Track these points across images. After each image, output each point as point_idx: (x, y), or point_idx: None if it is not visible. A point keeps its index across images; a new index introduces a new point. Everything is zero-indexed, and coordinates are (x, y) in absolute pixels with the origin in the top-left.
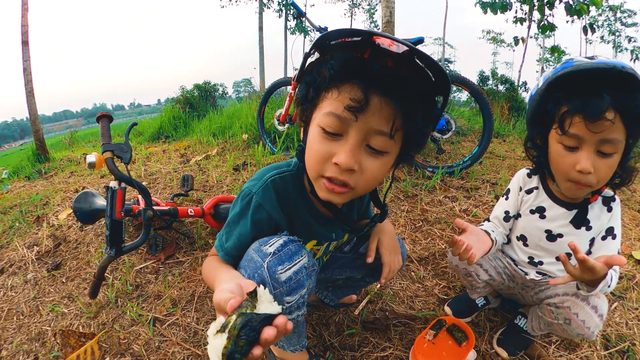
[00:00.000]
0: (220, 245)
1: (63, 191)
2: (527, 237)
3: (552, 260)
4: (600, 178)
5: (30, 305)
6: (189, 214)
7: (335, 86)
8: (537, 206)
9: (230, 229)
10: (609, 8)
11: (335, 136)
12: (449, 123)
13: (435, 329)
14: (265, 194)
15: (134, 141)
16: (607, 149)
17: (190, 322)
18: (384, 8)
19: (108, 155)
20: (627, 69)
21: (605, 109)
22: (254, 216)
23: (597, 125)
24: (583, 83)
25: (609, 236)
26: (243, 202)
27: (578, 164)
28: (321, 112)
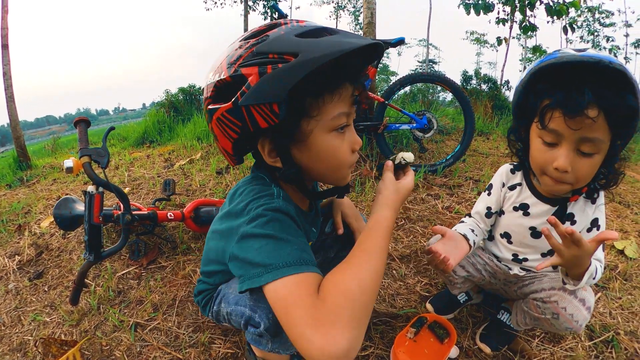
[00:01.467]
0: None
1: (45, 199)
2: (511, 234)
3: (538, 257)
4: (578, 177)
5: (12, 315)
6: (168, 217)
7: (330, 91)
8: (520, 203)
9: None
10: (588, 9)
11: (345, 129)
12: (431, 122)
13: (416, 327)
14: (287, 205)
15: (118, 147)
16: (587, 149)
17: (171, 326)
18: (365, 9)
19: (85, 160)
20: (614, 64)
21: (585, 105)
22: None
23: (576, 122)
24: (567, 76)
25: (594, 228)
26: (279, 216)
27: (555, 161)
28: (328, 117)
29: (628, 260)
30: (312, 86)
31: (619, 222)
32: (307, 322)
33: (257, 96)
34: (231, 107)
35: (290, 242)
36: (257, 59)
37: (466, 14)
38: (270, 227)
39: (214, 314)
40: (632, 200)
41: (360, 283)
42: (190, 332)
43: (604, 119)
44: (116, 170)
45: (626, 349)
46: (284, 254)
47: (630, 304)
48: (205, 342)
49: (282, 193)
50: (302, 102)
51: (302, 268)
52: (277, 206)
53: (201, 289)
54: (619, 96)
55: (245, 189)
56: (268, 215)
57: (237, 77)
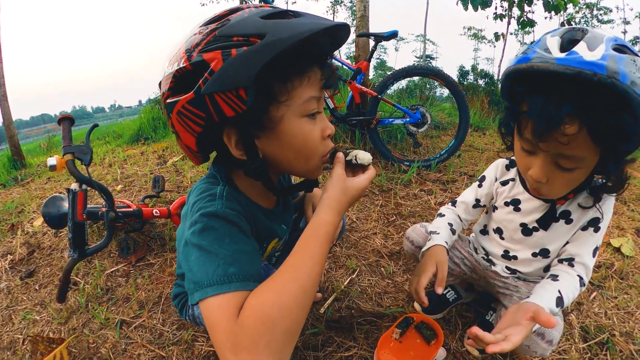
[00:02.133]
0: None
1: (39, 198)
2: (502, 230)
3: (528, 256)
4: (554, 190)
5: (3, 314)
6: (154, 214)
7: (299, 74)
8: (512, 198)
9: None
10: (586, 5)
11: (316, 115)
12: (425, 116)
13: (401, 327)
14: (231, 205)
15: (112, 144)
16: (565, 164)
17: (156, 323)
18: (359, 2)
19: (69, 158)
20: (600, 76)
21: (561, 120)
22: (239, 226)
23: (546, 144)
24: (545, 82)
25: (591, 227)
26: (218, 221)
27: (531, 169)
28: (299, 102)
29: (624, 258)
30: (279, 70)
31: (616, 219)
32: (227, 347)
33: (222, 82)
34: (193, 97)
35: (218, 255)
36: (219, 43)
37: (464, 9)
38: (203, 236)
39: (190, 317)
40: (629, 197)
41: (281, 307)
42: (174, 329)
43: (586, 137)
44: (109, 167)
45: (621, 351)
46: (210, 271)
47: (626, 304)
48: (189, 340)
49: (227, 192)
50: (270, 87)
51: (224, 287)
52: (214, 211)
53: (177, 292)
54: (609, 114)
55: (195, 188)
56: (202, 222)
57: (198, 63)
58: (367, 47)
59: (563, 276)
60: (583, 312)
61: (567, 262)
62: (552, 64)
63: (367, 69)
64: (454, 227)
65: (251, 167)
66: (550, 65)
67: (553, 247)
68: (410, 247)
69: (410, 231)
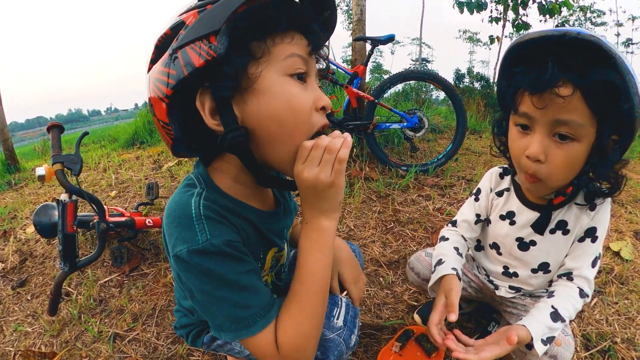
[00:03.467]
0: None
1: (32, 203)
2: (499, 245)
3: (528, 273)
4: (554, 169)
5: None
6: (147, 224)
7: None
8: (507, 211)
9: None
10: (580, 8)
11: (305, 79)
12: (422, 120)
13: (402, 340)
14: (214, 227)
15: (108, 148)
16: (564, 130)
17: (150, 337)
18: (355, 6)
19: (58, 167)
20: (583, 35)
21: (553, 81)
22: (232, 255)
23: (542, 100)
24: (539, 55)
25: (588, 238)
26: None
27: (529, 148)
28: (279, 57)
29: (624, 262)
30: (258, 30)
31: (614, 222)
32: None
33: (193, 32)
34: (165, 58)
35: (229, 300)
36: (198, 3)
37: (459, 12)
38: (203, 282)
39: (215, 347)
40: (626, 199)
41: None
42: (169, 343)
43: (581, 100)
44: (104, 172)
45: (623, 359)
46: (230, 316)
47: (626, 309)
48: (184, 354)
49: (204, 204)
50: (247, 44)
51: (253, 330)
52: (201, 248)
53: (184, 323)
54: (595, 71)
55: (167, 211)
56: (194, 265)
57: (176, 25)
58: (363, 51)
59: (559, 290)
60: (584, 320)
61: (565, 277)
62: (541, 31)
63: (363, 73)
64: (460, 251)
65: (228, 136)
66: (541, 32)
67: (552, 260)
68: (416, 280)
69: (414, 260)
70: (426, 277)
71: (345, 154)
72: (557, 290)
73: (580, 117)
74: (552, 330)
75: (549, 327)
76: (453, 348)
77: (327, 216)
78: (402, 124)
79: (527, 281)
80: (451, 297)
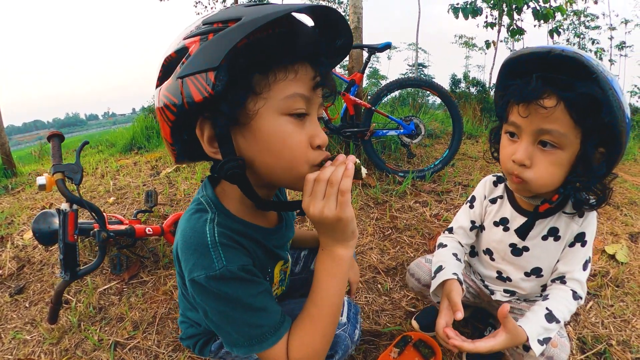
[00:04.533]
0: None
1: (30, 208)
2: (493, 251)
3: (522, 276)
4: (537, 174)
5: None
6: (147, 233)
7: (284, 67)
8: (500, 218)
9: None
10: (574, 13)
11: (304, 117)
12: (418, 127)
13: (399, 346)
14: (230, 254)
15: (105, 153)
16: (547, 138)
17: (151, 345)
18: (352, 14)
19: (59, 177)
20: (567, 52)
21: (535, 93)
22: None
23: (527, 110)
24: (530, 70)
25: (578, 243)
26: (225, 284)
27: (515, 153)
28: (279, 96)
29: (619, 265)
30: (261, 60)
31: (609, 225)
32: None
33: (193, 64)
34: (170, 83)
35: (244, 321)
36: (201, 29)
37: (455, 17)
38: (220, 303)
39: (222, 354)
40: (621, 202)
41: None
42: (170, 351)
43: (564, 111)
44: (102, 178)
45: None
46: (244, 334)
47: (622, 312)
48: None
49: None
50: (248, 77)
51: (265, 345)
52: (218, 275)
53: (191, 333)
54: (578, 85)
55: (182, 237)
56: (212, 289)
57: (180, 50)
58: (360, 58)
59: (553, 293)
60: (580, 323)
61: (559, 281)
62: (531, 48)
63: (360, 80)
64: (459, 257)
65: (225, 167)
66: (530, 49)
67: (545, 266)
68: (417, 285)
69: (415, 266)
70: (427, 282)
71: (348, 185)
72: (552, 293)
73: (563, 127)
74: (548, 330)
75: (544, 327)
76: (456, 344)
77: (342, 244)
78: (398, 130)
79: (520, 285)
80: (453, 297)
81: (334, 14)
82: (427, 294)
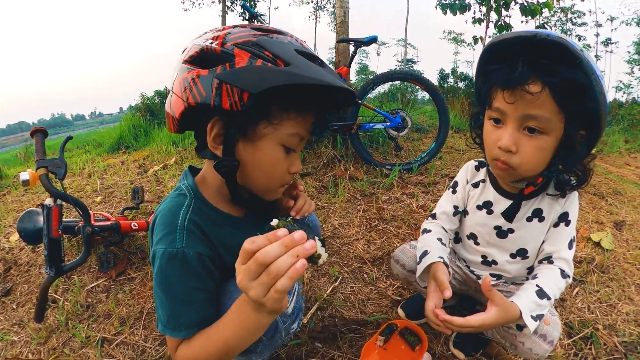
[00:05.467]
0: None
1: (16, 211)
2: (477, 235)
3: (507, 258)
4: (524, 160)
5: None
6: (132, 228)
7: (298, 111)
8: (483, 201)
9: (176, 303)
10: (561, 9)
11: (292, 153)
12: (405, 120)
13: (385, 334)
14: (192, 239)
15: (92, 153)
16: (532, 124)
17: (138, 339)
18: (338, 8)
19: (42, 172)
20: (552, 37)
21: (523, 78)
22: (195, 269)
23: (512, 96)
24: (513, 54)
25: (562, 222)
26: (174, 264)
27: (500, 140)
28: (285, 131)
29: (604, 251)
30: (286, 98)
31: (595, 214)
32: None
33: (236, 78)
34: (206, 75)
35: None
36: (253, 49)
37: (443, 13)
38: (160, 279)
39: None
40: (607, 192)
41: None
42: (157, 345)
43: (549, 96)
44: (89, 178)
45: (605, 344)
46: (164, 314)
47: (608, 297)
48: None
49: (192, 211)
50: (270, 107)
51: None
52: (172, 252)
53: None
54: (562, 70)
55: (159, 214)
56: (161, 263)
57: (227, 52)
58: (347, 52)
59: (542, 272)
60: (567, 308)
61: (546, 261)
62: (515, 32)
63: (347, 74)
64: (444, 241)
65: (223, 164)
66: (515, 33)
67: (530, 247)
68: (402, 272)
69: (399, 253)
70: (412, 268)
71: (286, 285)
72: (540, 272)
73: (548, 112)
74: (540, 307)
75: (536, 303)
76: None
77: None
78: (385, 123)
79: (505, 267)
80: (439, 277)
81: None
82: (413, 280)
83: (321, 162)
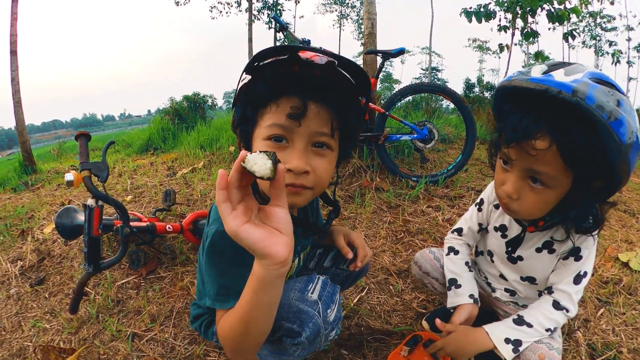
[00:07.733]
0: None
1: (49, 204)
2: (493, 253)
3: (518, 280)
4: (523, 208)
5: (12, 320)
6: (167, 230)
7: (274, 101)
8: (500, 224)
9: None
10: (589, 14)
11: (281, 142)
12: (432, 132)
13: (410, 345)
14: None
15: (122, 153)
16: (537, 177)
17: (167, 337)
18: (366, 20)
19: (85, 174)
20: (564, 95)
21: (526, 134)
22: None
23: (515, 151)
24: (526, 100)
25: (572, 257)
26: (224, 240)
27: (505, 184)
28: (263, 126)
29: (633, 273)
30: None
31: (624, 232)
32: None
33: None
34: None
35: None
36: None
37: (468, 21)
38: (210, 255)
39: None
40: (638, 209)
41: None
42: (186, 344)
43: (556, 154)
44: (119, 177)
45: None
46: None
47: (634, 320)
48: (201, 354)
49: None
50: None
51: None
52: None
53: (197, 313)
54: (574, 129)
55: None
56: (214, 240)
57: None
58: (374, 64)
59: (533, 303)
60: (590, 329)
61: (547, 291)
62: (526, 81)
63: (374, 86)
64: (470, 264)
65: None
66: (524, 83)
67: (539, 276)
68: (418, 272)
69: (419, 256)
70: (426, 270)
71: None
72: (532, 303)
73: (554, 170)
74: (518, 331)
75: (511, 327)
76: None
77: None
78: (412, 135)
79: (516, 287)
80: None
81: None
82: (427, 282)
83: (347, 171)
